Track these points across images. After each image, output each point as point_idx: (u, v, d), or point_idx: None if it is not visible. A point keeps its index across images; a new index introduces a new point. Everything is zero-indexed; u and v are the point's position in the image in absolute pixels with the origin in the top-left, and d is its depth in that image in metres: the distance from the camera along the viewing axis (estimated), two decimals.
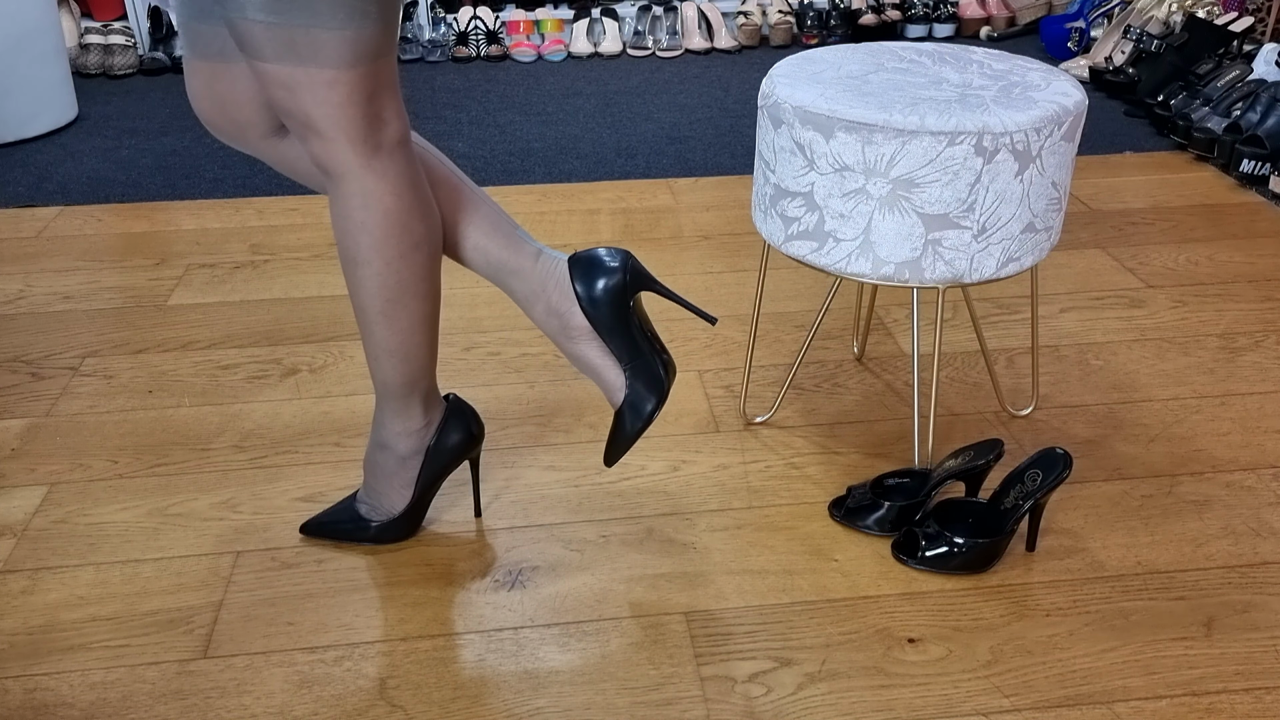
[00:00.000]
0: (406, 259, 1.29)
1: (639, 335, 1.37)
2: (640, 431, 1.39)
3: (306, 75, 1.17)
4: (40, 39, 2.99)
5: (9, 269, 2.32)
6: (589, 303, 1.35)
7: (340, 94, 1.18)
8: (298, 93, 1.18)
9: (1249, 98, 2.84)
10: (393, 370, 1.37)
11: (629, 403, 1.38)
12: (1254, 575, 1.46)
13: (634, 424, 1.38)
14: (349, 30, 1.15)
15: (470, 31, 3.85)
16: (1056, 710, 1.26)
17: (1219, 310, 2.12)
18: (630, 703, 1.27)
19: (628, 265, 1.36)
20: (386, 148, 1.25)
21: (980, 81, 1.49)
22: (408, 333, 1.34)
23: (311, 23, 1.13)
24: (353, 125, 1.21)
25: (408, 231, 1.28)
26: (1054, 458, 1.45)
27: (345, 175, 1.24)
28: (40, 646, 1.36)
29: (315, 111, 1.19)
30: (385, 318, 1.32)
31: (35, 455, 1.71)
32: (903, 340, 2.02)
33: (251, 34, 1.15)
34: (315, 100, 1.18)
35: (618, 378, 1.37)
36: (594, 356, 1.37)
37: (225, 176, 2.80)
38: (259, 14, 1.13)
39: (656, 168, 2.85)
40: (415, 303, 1.33)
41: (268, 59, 1.16)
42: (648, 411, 1.37)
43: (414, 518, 1.50)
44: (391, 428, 1.42)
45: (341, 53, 1.16)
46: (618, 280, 1.35)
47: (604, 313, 1.35)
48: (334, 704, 1.28)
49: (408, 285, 1.31)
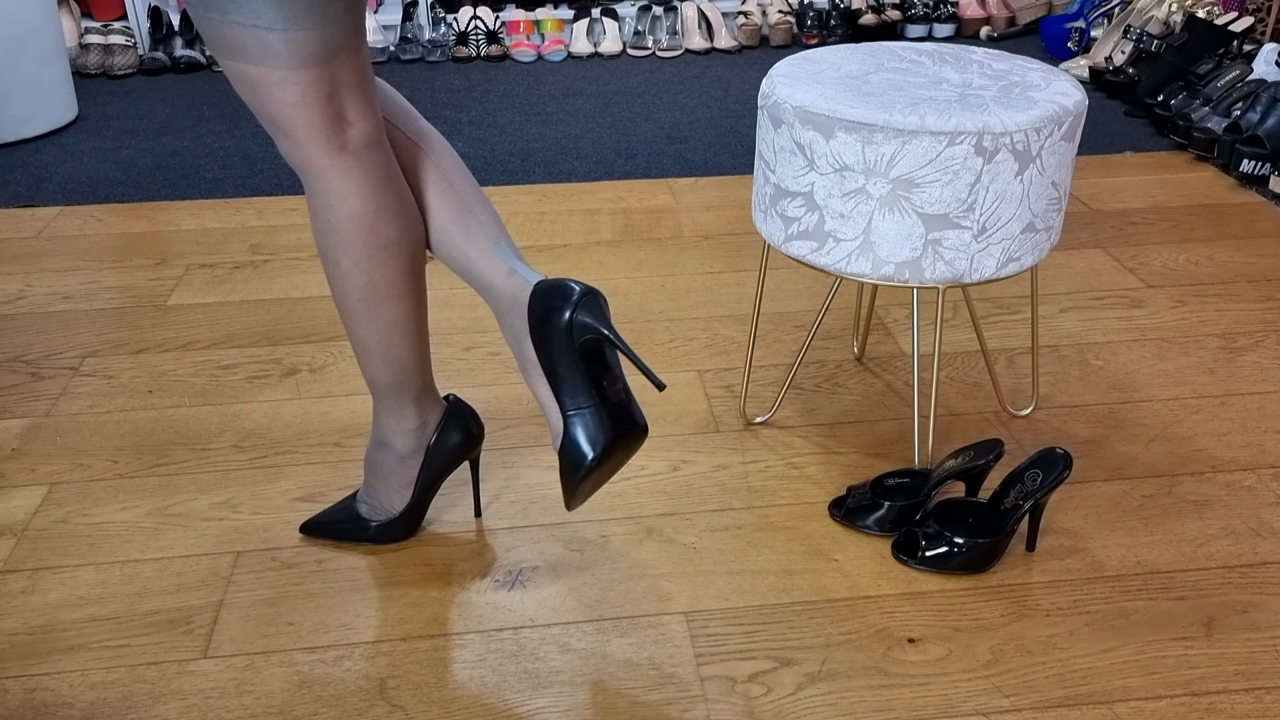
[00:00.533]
0: (374, 261, 1.28)
1: (594, 381, 1.26)
2: (580, 481, 1.27)
3: (261, 74, 1.17)
4: (40, 39, 2.99)
5: (9, 269, 2.32)
6: (538, 335, 1.26)
7: (294, 94, 1.18)
8: (258, 90, 1.19)
9: (1249, 98, 2.84)
10: (376, 370, 1.37)
11: (564, 451, 1.26)
12: (1254, 575, 1.46)
13: (571, 473, 1.27)
14: (295, 32, 1.14)
15: (470, 31, 3.85)
16: (1056, 710, 1.26)
17: (1219, 310, 2.12)
18: (630, 703, 1.27)
19: (579, 303, 1.24)
20: (352, 148, 1.24)
21: (980, 81, 1.49)
22: (385, 333, 1.33)
23: (256, 23, 1.14)
24: (311, 125, 1.21)
25: (375, 234, 1.26)
26: (1054, 458, 1.45)
27: (310, 173, 1.24)
28: (40, 646, 1.36)
29: (274, 110, 1.20)
30: (361, 317, 1.32)
31: (35, 455, 1.71)
32: (903, 340, 2.02)
33: (209, 31, 1.16)
34: (273, 99, 1.19)
35: (557, 421, 1.27)
36: (540, 392, 1.28)
37: (225, 176, 2.80)
38: (213, 12, 1.14)
39: (656, 168, 2.85)
40: (390, 304, 1.31)
41: (225, 56, 1.18)
42: (585, 464, 1.25)
43: (414, 518, 1.50)
44: (388, 426, 1.43)
45: (290, 53, 1.16)
46: (564, 320, 1.24)
47: (550, 348, 1.26)
48: (334, 704, 1.28)
49: (379, 287, 1.29)
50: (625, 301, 2.16)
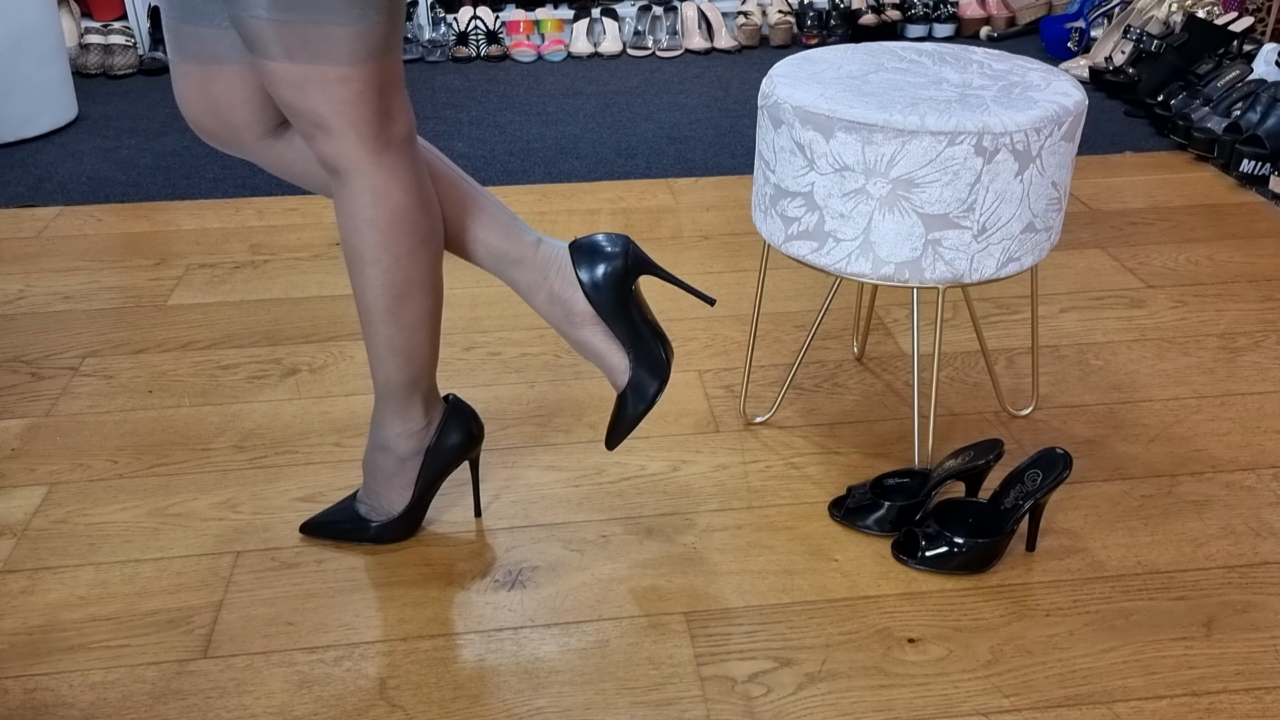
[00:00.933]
0: (414, 255, 1.30)
1: (640, 319, 1.39)
2: (643, 414, 1.41)
3: (318, 72, 1.17)
4: (40, 39, 2.99)
5: (9, 269, 2.32)
6: (592, 288, 1.37)
7: (353, 90, 1.18)
8: (308, 90, 1.18)
9: (1249, 98, 2.84)
10: (396, 369, 1.37)
11: (632, 385, 1.39)
12: (1254, 575, 1.46)
13: (637, 406, 1.40)
14: (361, 26, 1.15)
15: (470, 31, 3.85)
16: (1056, 710, 1.26)
17: (1219, 310, 2.12)
18: (630, 703, 1.27)
19: (629, 250, 1.38)
20: (395, 144, 1.25)
21: (980, 81, 1.49)
22: (413, 329, 1.34)
23: (324, 19, 1.13)
24: (364, 122, 1.21)
25: (415, 227, 1.29)
26: (1054, 458, 1.45)
27: (354, 172, 1.24)
28: (40, 646, 1.36)
29: (326, 109, 1.19)
30: (392, 315, 1.32)
31: (35, 455, 1.71)
32: (903, 340, 2.02)
33: (261, 32, 1.15)
34: (326, 97, 1.18)
35: (621, 360, 1.39)
36: (597, 341, 1.39)
37: (225, 176, 2.80)
38: (270, 12, 1.13)
39: (656, 168, 2.85)
40: (421, 299, 1.33)
41: (277, 57, 1.16)
42: (650, 394, 1.40)
43: (414, 518, 1.50)
44: (392, 429, 1.42)
45: (354, 49, 1.16)
46: (619, 264, 1.37)
47: (607, 297, 1.37)
48: (334, 704, 1.28)
49: (414, 281, 1.31)
50: None
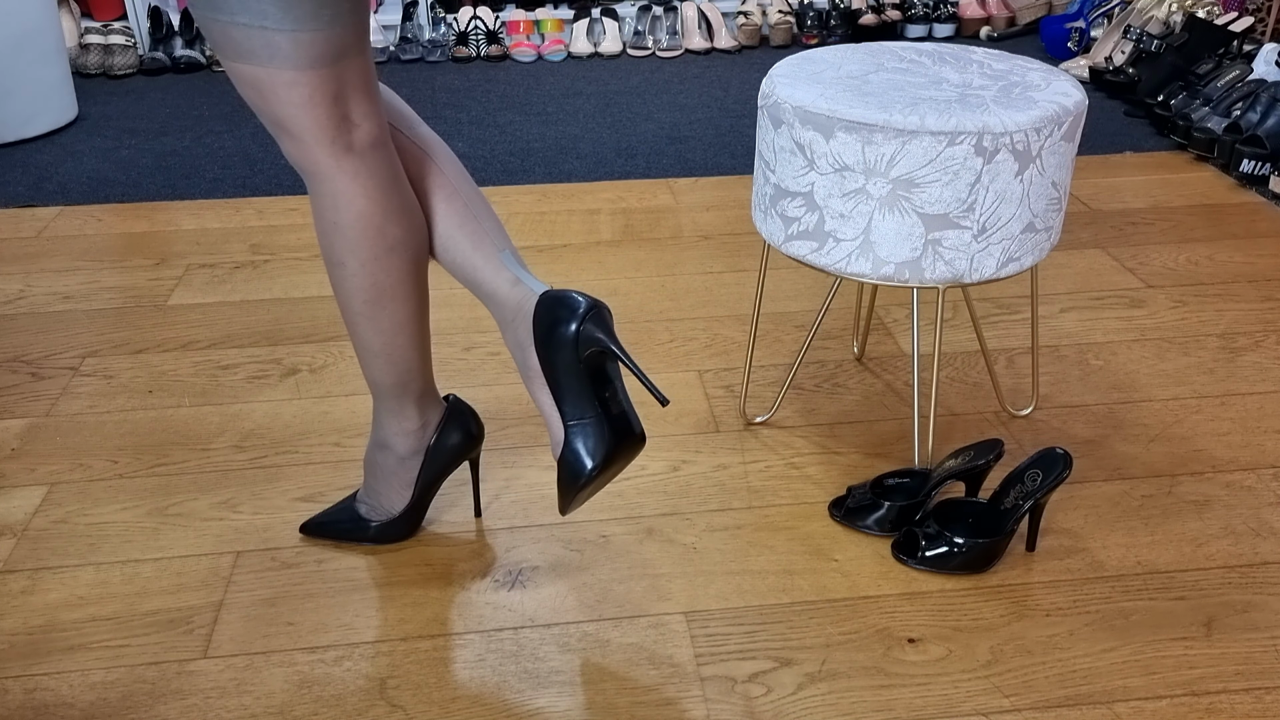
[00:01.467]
0: (381, 261, 1.28)
1: (595, 392, 1.27)
2: (579, 489, 1.29)
3: (269, 75, 1.17)
4: (40, 39, 2.99)
5: (9, 269, 2.32)
6: (542, 345, 1.28)
7: (301, 95, 1.18)
8: (264, 92, 1.19)
9: (1249, 98, 2.84)
10: (379, 371, 1.37)
11: (564, 460, 1.29)
12: (1254, 575, 1.46)
13: (570, 482, 1.29)
14: (302, 33, 1.15)
15: (470, 31, 3.85)
16: (1056, 710, 1.26)
17: (1219, 310, 2.12)
18: (630, 703, 1.27)
19: (586, 315, 1.26)
20: (358, 149, 1.24)
21: (980, 81, 1.49)
22: (390, 334, 1.33)
23: (264, 24, 1.14)
24: (319, 125, 1.21)
25: (382, 235, 1.27)
26: (1054, 458, 1.45)
27: (316, 175, 1.24)
28: (40, 646, 1.36)
29: (281, 111, 1.20)
30: (365, 319, 1.32)
31: (35, 455, 1.71)
32: (903, 340, 2.02)
33: (215, 34, 1.16)
34: (279, 100, 1.19)
35: (558, 430, 1.29)
36: (543, 401, 1.30)
37: (225, 176, 2.80)
38: (219, 13, 1.14)
39: (656, 168, 2.85)
40: (395, 305, 1.31)
41: (231, 57, 1.18)
42: (585, 473, 1.27)
43: (414, 518, 1.50)
44: (389, 428, 1.43)
45: (298, 54, 1.16)
46: (571, 332, 1.26)
47: (555, 359, 1.27)
48: (334, 704, 1.28)
49: (384, 288, 1.30)
50: (625, 301, 2.16)
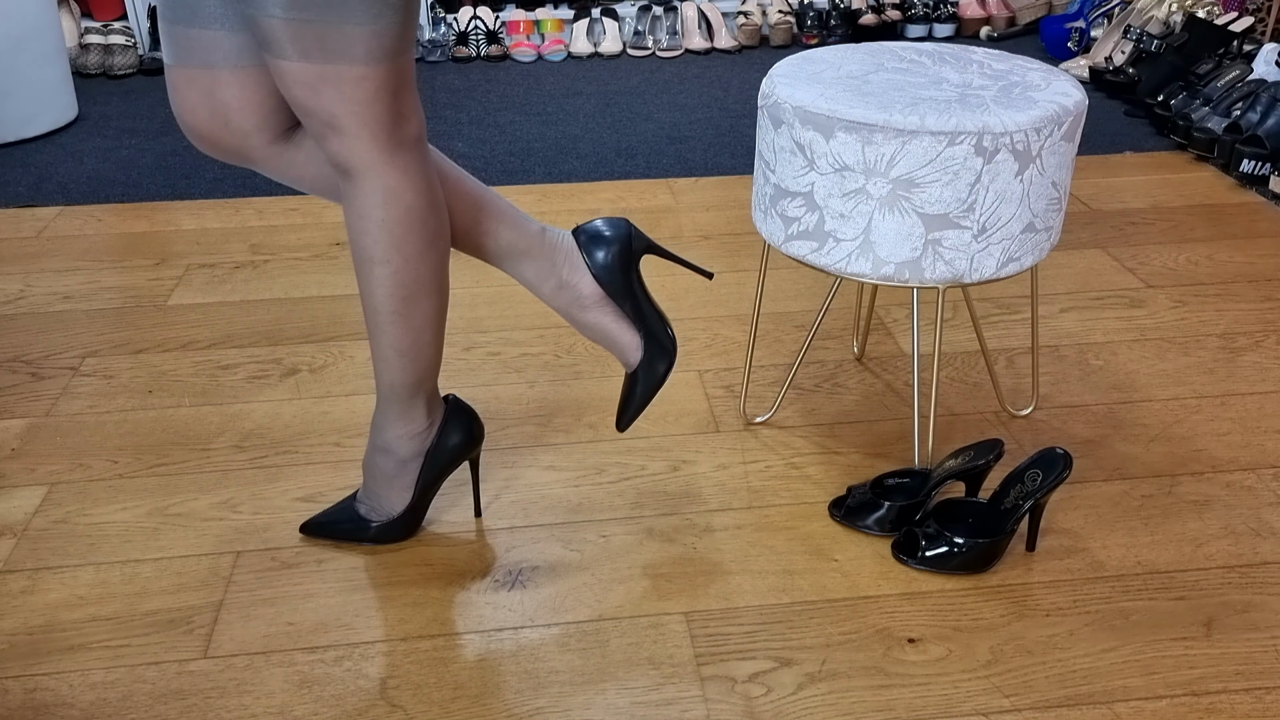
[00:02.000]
0: (423, 255, 1.30)
1: (645, 300, 1.45)
2: (653, 392, 1.47)
3: (334, 72, 1.16)
4: (40, 39, 2.99)
5: (9, 269, 2.32)
6: (600, 270, 1.42)
7: (368, 90, 1.18)
8: (322, 90, 1.18)
9: (1249, 98, 2.84)
10: (401, 371, 1.37)
11: (644, 363, 1.45)
12: (1254, 575, 1.46)
13: (648, 383, 1.46)
14: (378, 25, 1.15)
15: (470, 31, 3.85)
16: (1056, 710, 1.26)
17: (1219, 310, 2.12)
18: (630, 703, 1.27)
19: (631, 231, 1.45)
20: (408, 144, 1.25)
21: (980, 81, 1.49)
22: (420, 331, 1.35)
23: (340, 18, 1.13)
24: (378, 122, 1.21)
25: (425, 227, 1.29)
26: (1054, 458, 1.45)
27: (366, 172, 1.24)
28: (40, 646, 1.36)
29: (340, 109, 1.19)
30: (400, 316, 1.33)
31: (35, 455, 1.71)
32: (903, 340, 2.02)
33: (277, 31, 1.14)
34: (341, 97, 1.18)
35: (633, 339, 1.45)
36: (608, 321, 1.44)
37: (225, 176, 2.80)
38: (286, 11, 1.13)
39: (656, 168, 2.85)
40: (428, 300, 1.33)
41: (292, 57, 1.16)
42: (661, 371, 1.46)
43: (414, 518, 1.50)
44: (394, 431, 1.42)
45: (370, 48, 1.16)
46: (624, 245, 1.43)
47: (614, 278, 1.43)
48: (334, 704, 1.28)
49: (423, 282, 1.32)
50: None
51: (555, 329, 2.06)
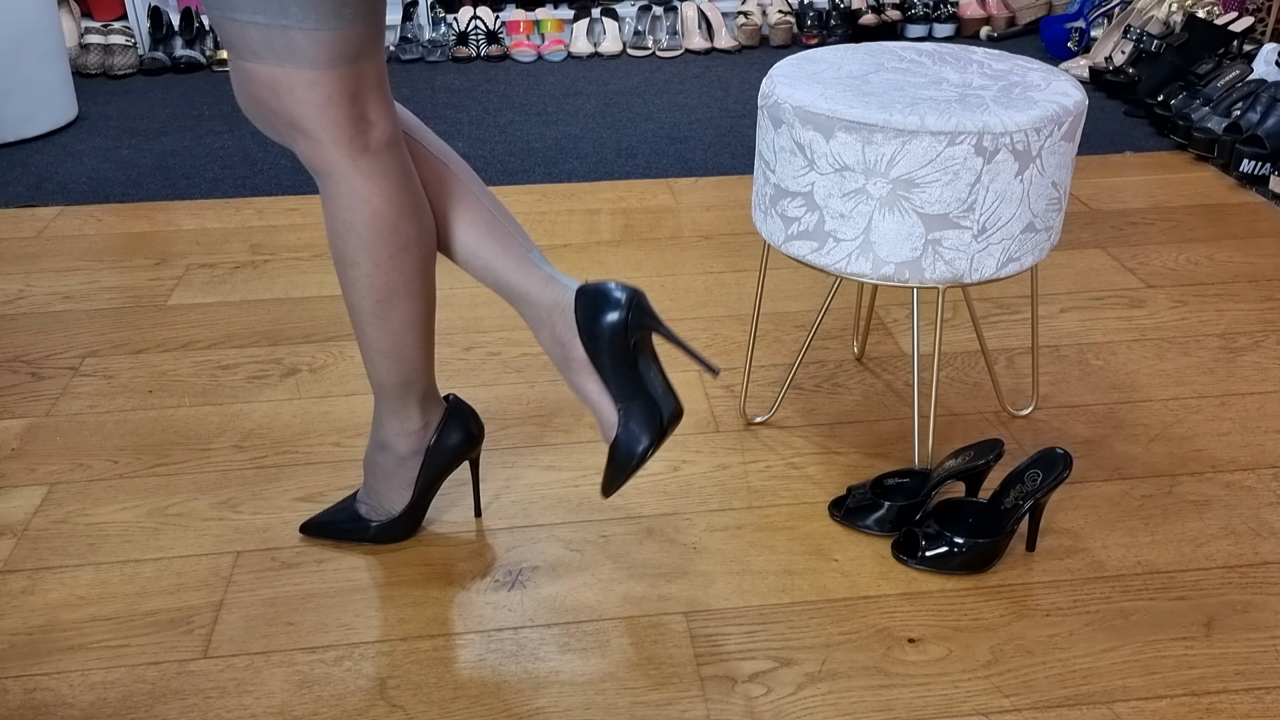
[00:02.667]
0: (395, 260, 1.29)
1: (641, 375, 1.35)
2: (633, 468, 1.35)
3: (286, 75, 1.17)
4: (40, 39, 2.99)
5: (9, 269, 2.32)
6: (590, 337, 1.33)
7: (320, 94, 1.18)
8: (280, 93, 1.18)
9: (1249, 98, 2.84)
10: (386, 371, 1.37)
11: (620, 440, 1.35)
12: (1254, 575, 1.46)
13: (625, 461, 1.35)
14: (323, 32, 1.15)
15: (470, 31, 3.85)
16: (1056, 710, 1.26)
17: (1219, 310, 2.12)
18: (630, 703, 1.27)
19: (632, 303, 1.33)
20: (374, 149, 1.24)
21: (980, 81, 1.49)
22: (399, 333, 1.34)
23: (285, 23, 1.13)
24: (336, 126, 1.21)
25: (397, 233, 1.28)
26: (1054, 458, 1.45)
27: (332, 175, 1.24)
28: (40, 646, 1.36)
29: (297, 111, 1.19)
30: (376, 318, 1.32)
31: (35, 455, 1.71)
32: (903, 340, 2.02)
33: (231, 32, 1.16)
34: (296, 100, 1.18)
35: (611, 415, 1.35)
36: (591, 390, 1.35)
37: (225, 176, 2.80)
38: (237, 13, 1.14)
39: (656, 168, 2.85)
40: (406, 303, 1.32)
41: (246, 57, 1.17)
42: (639, 451, 1.35)
43: (413, 517, 1.50)
44: (390, 428, 1.42)
45: (318, 54, 1.16)
46: (619, 317, 1.32)
47: (603, 348, 1.33)
48: (334, 704, 1.28)
49: (397, 286, 1.30)
50: None
51: None
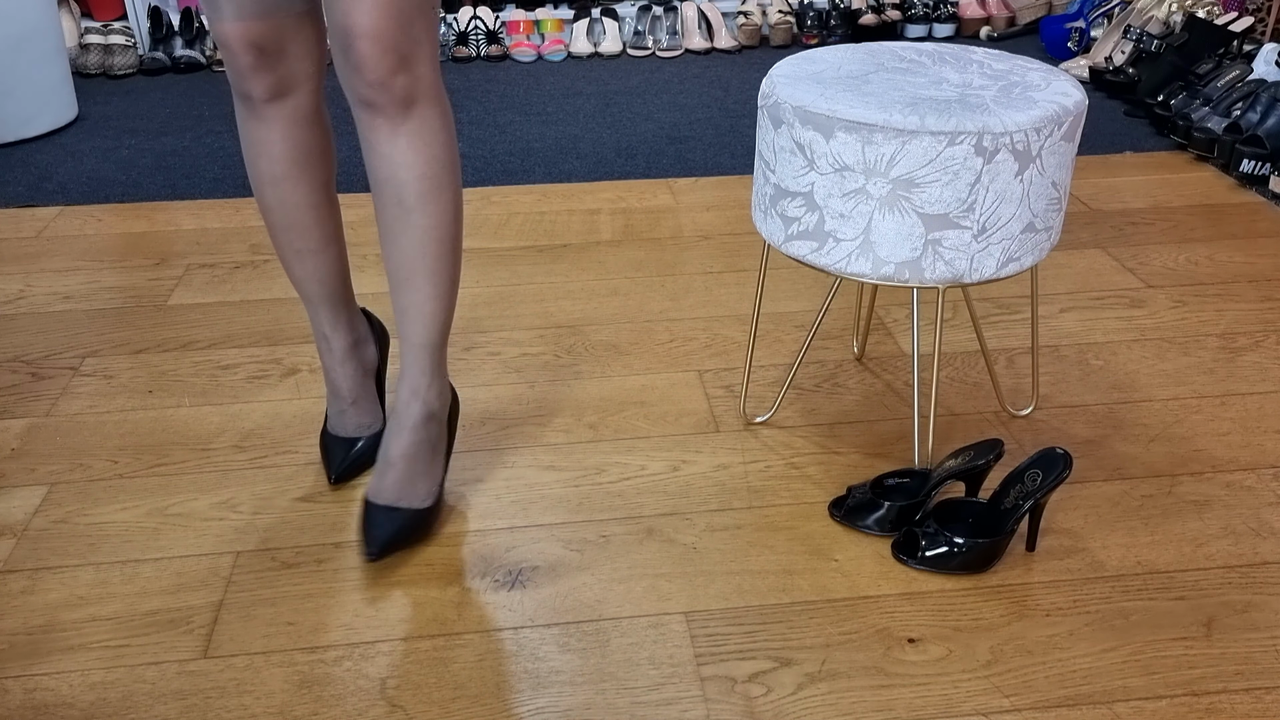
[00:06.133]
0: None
1: None
2: None
3: (425, 3, 1.27)
4: (40, 39, 2.99)
5: (9, 269, 2.32)
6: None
7: (435, 21, 1.29)
8: (413, 19, 1.26)
9: (1249, 98, 2.84)
10: (449, 310, 1.44)
11: None
12: (1254, 575, 1.46)
13: None
14: None
15: (470, 31, 3.85)
16: (1056, 710, 1.26)
17: (1219, 310, 2.12)
18: (630, 703, 1.27)
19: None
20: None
21: (980, 81, 1.49)
22: (460, 258, 1.43)
23: None
24: (436, 52, 1.31)
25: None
26: (1054, 458, 1.45)
27: (432, 99, 1.31)
28: (40, 646, 1.36)
29: (424, 36, 1.28)
30: (458, 244, 1.39)
31: (35, 455, 1.71)
32: (903, 340, 2.02)
33: None
34: (425, 25, 1.27)
35: None
36: None
37: (225, 176, 2.80)
38: None
39: (656, 168, 2.85)
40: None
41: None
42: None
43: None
44: (436, 387, 1.47)
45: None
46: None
47: None
48: (334, 704, 1.28)
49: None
50: (625, 301, 2.16)
51: (555, 329, 2.07)
